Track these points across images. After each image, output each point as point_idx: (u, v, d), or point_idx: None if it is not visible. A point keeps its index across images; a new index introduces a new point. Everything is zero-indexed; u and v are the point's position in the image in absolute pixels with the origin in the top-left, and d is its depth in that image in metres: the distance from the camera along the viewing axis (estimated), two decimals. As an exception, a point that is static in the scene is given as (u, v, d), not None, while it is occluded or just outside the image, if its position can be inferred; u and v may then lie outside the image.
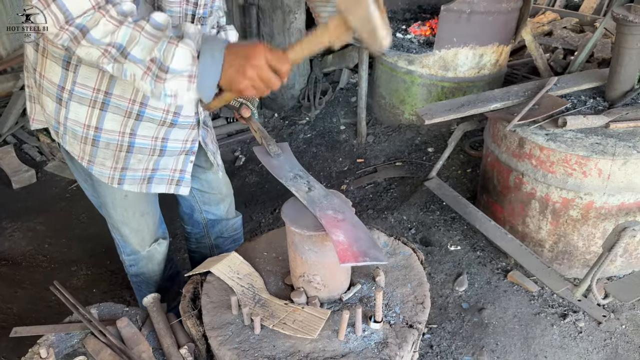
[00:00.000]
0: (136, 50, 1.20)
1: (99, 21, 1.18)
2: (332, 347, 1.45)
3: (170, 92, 1.23)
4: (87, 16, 1.17)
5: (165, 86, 1.22)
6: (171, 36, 1.22)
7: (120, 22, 1.19)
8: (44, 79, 1.51)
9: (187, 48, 1.20)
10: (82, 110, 1.51)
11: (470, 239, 2.87)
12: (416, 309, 1.57)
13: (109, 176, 1.65)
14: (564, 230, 2.48)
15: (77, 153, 1.62)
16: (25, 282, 2.80)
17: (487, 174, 2.79)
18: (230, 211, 2.18)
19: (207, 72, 1.22)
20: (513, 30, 3.60)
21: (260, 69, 1.20)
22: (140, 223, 1.86)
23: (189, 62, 1.21)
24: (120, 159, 1.62)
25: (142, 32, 1.20)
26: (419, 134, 3.79)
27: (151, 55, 1.20)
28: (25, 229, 3.21)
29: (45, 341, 1.66)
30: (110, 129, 1.55)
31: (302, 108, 4.31)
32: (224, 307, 1.59)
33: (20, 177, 3.57)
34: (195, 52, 1.21)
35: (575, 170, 2.29)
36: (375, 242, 1.45)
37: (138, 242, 1.91)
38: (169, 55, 1.19)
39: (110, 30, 1.19)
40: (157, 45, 1.20)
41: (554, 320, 2.37)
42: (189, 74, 1.22)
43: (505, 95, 2.71)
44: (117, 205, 1.78)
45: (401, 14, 4.09)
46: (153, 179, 1.71)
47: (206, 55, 1.22)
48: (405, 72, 3.68)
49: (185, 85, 1.23)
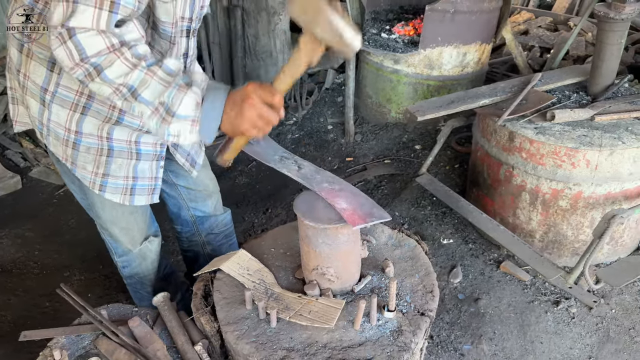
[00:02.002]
0: (146, 93, 1.27)
1: (114, 62, 1.22)
2: (349, 337, 1.48)
3: (174, 133, 1.31)
4: (102, 56, 1.20)
5: (170, 128, 1.30)
6: (180, 84, 1.28)
7: (135, 65, 1.24)
8: (28, 79, 1.51)
9: (194, 96, 1.28)
10: (63, 113, 1.52)
11: (462, 232, 2.94)
12: (426, 298, 1.61)
13: (90, 180, 1.65)
14: (554, 221, 2.57)
15: (61, 154, 1.63)
16: (17, 289, 2.75)
17: (477, 168, 2.86)
18: (218, 207, 2.18)
19: (209, 117, 1.31)
20: (494, 29, 3.70)
21: (256, 107, 1.28)
22: (130, 221, 1.86)
23: (193, 108, 1.29)
24: (101, 164, 1.62)
25: (153, 77, 1.26)
26: (405, 131, 3.86)
27: (160, 99, 1.28)
28: (13, 235, 3.15)
29: (55, 344, 1.65)
30: (89, 132, 1.56)
31: (289, 109, 4.34)
32: (237, 302, 1.61)
33: (5, 183, 3.50)
34: (200, 99, 1.30)
35: (565, 162, 2.38)
36: (375, 203, 1.55)
37: (128, 240, 1.91)
38: (177, 102, 1.27)
39: (124, 72, 1.23)
40: (167, 91, 1.27)
41: (548, 307, 2.45)
42: (192, 119, 1.30)
43: (493, 91, 2.79)
44: (106, 205, 1.77)
45: (384, 15, 4.16)
46: (135, 189, 1.71)
47: (209, 102, 1.30)
48: (391, 72, 3.74)
49: (188, 128, 1.30)
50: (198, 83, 1.32)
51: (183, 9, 1.47)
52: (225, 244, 2.27)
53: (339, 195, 1.53)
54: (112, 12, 1.19)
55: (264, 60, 4.34)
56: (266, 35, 4.23)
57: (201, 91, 1.31)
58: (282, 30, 4.28)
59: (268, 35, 4.23)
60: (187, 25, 1.53)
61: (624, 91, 2.72)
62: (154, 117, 1.30)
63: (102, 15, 1.17)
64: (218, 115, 1.31)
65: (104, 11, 1.18)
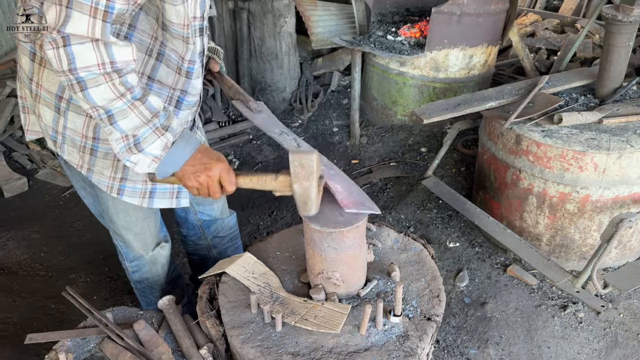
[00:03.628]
0: (123, 122, 1.29)
1: (100, 85, 1.22)
2: (355, 342, 1.47)
3: (134, 161, 1.34)
4: (90, 73, 1.20)
5: (131, 157, 1.33)
6: (157, 126, 1.31)
7: (121, 95, 1.25)
8: (41, 88, 1.50)
9: (165, 140, 1.33)
10: (80, 120, 1.51)
11: (469, 236, 2.92)
12: (432, 302, 1.60)
13: (107, 185, 1.64)
14: (561, 224, 2.55)
15: (76, 162, 1.61)
16: (23, 291, 2.76)
17: (483, 171, 2.84)
18: (224, 211, 2.18)
19: (170, 161, 1.35)
20: (501, 31, 3.69)
21: (211, 180, 1.36)
22: (143, 227, 1.86)
23: (160, 149, 1.33)
24: (119, 169, 1.62)
25: (134, 110, 1.28)
26: (411, 134, 3.85)
27: (133, 132, 1.30)
28: (19, 237, 3.16)
29: (61, 347, 1.65)
30: (106, 138, 1.54)
31: (294, 111, 4.33)
32: (242, 306, 1.61)
33: (11, 185, 3.51)
34: (170, 143, 1.34)
35: (572, 165, 2.36)
36: (366, 195, 1.58)
37: (141, 246, 1.91)
38: (149, 141, 1.31)
39: (108, 98, 1.25)
40: (143, 129, 1.30)
41: (555, 312, 2.43)
42: (155, 157, 1.34)
43: (500, 94, 2.77)
44: (120, 210, 1.78)
45: (390, 17, 4.15)
46: (155, 192, 1.70)
47: (177, 149, 1.35)
48: (397, 74, 3.73)
49: (148, 162, 1.34)
50: (174, 129, 1.35)
51: (194, 9, 1.46)
52: (230, 247, 2.27)
53: (333, 179, 1.54)
54: (105, 21, 1.19)
55: (269, 63, 4.34)
56: (272, 38, 4.23)
57: (173, 137, 1.35)
58: (287, 32, 4.27)
59: (274, 38, 4.23)
60: (199, 24, 1.52)
61: (632, 94, 2.70)
62: (120, 142, 1.31)
63: (96, 24, 1.17)
64: (179, 164, 1.36)
65: (98, 20, 1.17)
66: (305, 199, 1.36)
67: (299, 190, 1.35)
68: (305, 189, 1.34)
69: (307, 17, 4.38)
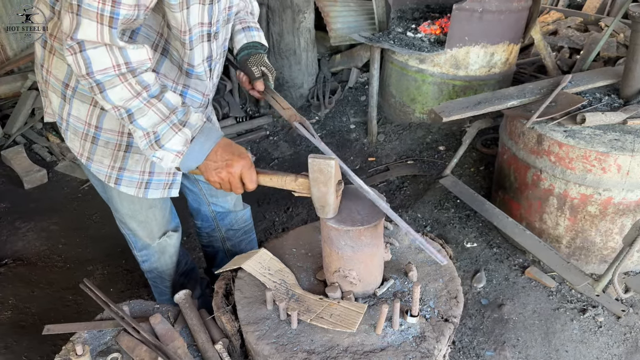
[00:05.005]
0: (142, 120, 1.33)
1: (117, 86, 1.28)
2: (371, 341, 1.45)
3: (159, 157, 1.37)
4: (106, 75, 1.26)
5: (155, 153, 1.37)
6: (175, 122, 1.34)
7: (137, 94, 1.30)
8: (50, 75, 1.55)
9: (184, 136, 1.35)
10: (84, 108, 1.55)
11: (486, 236, 2.88)
12: (450, 303, 1.58)
13: (106, 174, 1.68)
14: (582, 226, 2.50)
15: (77, 149, 1.65)
16: (42, 282, 2.79)
17: (503, 171, 2.80)
18: (237, 203, 2.19)
19: (192, 156, 1.38)
20: (522, 29, 3.63)
21: (232, 176, 1.39)
22: (148, 216, 1.88)
23: (181, 145, 1.36)
24: (118, 159, 1.65)
25: (152, 108, 1.32)
26: (429, 132, 3.81)
27: (153, 129, 1.33)
28: (39, 229, 3.20)
29: (78, 338, 1.66)
30: (109, 128, 1.59)
31: (311, 107, 4.32)
32: (258, 302, 1.60)
33: (31, 177, 3.56)
34: (190, 138, 1.36)
35: (595, 167, 2.31)
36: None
37: (147, 234, 1.93)
38: (167, 137, 1.34)
39: (125, 97, 1.29)
40: (162, 125, 1.33)
41: (574, 315, 2.39)
42: (177, 152, 1.37)
43: (521, 93, 2.73)
44: (123, 199, 1.80)
45: (410, 14, 4.11)
46: (151, 183, 1.73)
47: (197, 144, 1.37)
48: (416, 71, 3.69)
49: (172, 158, 1.37)
50: (192, 125, 1.37)
51: (201, 15, 1.47)
52: (244, 240, 2.27)
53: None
54: (112, 27, 1.23)
55: (287, 59, 4.33)
56: (290, 34, 4.22)
57: (193, 132, 1.37)
58: (306, 28, 4.26)
59: (292, 34, 4.22)
60: (207, 30, 1.53)
61: (658, 94, 2.63)
62: (143, 140, 1.36)
63: (104, 30, 1.22)
64: (201, 158, 1.38)
65: (105, 26, 1.22)
66: (323, 202, 1.38)
67: (317, 194, 1.37)
68: (324, 194, 1.36)
69: (326, 12, 4.35)
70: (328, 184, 1.34)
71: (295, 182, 1.41)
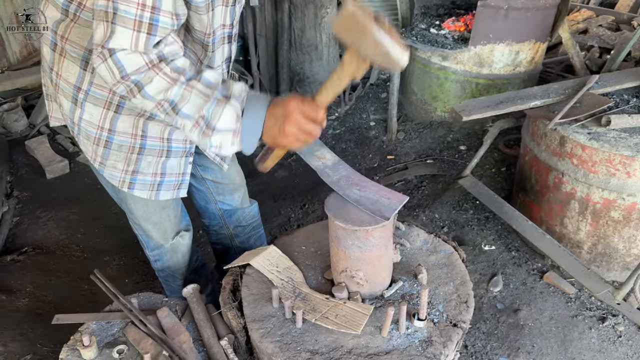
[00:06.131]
0: (187, 107, 1.26)
1: (153, 79, 1.23)
2: (375, 344, 1.43)
3: (216, 144, 1.30)
4: (141, 73, 1.22)
5: (212, 140, 1.29)
6: (219, 98, 1.27)
7: (174, 80, 1.24)
8: (60, 78, 1.51)
9: (232, 109, 1.27)
10: (97, 112, 1.51)
11: (505, 239, 2.82)
12: (460, 308, 1.54)
13: (119, 179, 1.65)
14: (604, 232, 2.42)
15: (89, 154, 1.62)
16: (59, 271, 2.84)
17: (524, 172, 2.73)
18: (244, 200, 2.17)
19: (249, 129, 1.29)
20: (550, 27, 3.53)
21: (298, 123, 1.25)
22: (162, 216, 1.86)
23: (233, 121, 1.27)
24: (131, 162, 1.62)
25: (192, 91, 1.25)
26: (451, 131, 3.75)
27: (200, 113, 1.26)
28: (59, 218, 3.25)
29: (86, 329, 1.67)
30: (123, 130, 1.55)
31: (331, 103, 4.29)
32: (264, 299, 1.59)
33: (54, 167, 3.62)
34: (240, 111, 1.28)
35: (619, 171, 2.23)
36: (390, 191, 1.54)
37: (161, 235, 1.92)
38: (216, 116, 1.26)
39: (163, 88, 1.24)
40: (206, 106, 1.25)
41: (592, 324, 2.32)
42: (233, 131, 1.28)
43: (545, 92, 2.65)
44: (137, 201, 1.77)
45: (434, 10, 4.04)
46: (162, 185, 1.71)
47: (249, 114, 1.29)
48: (438, 68, 3.63)
49: (230, 139, 1.29)
50: (237, 95, 1.29)
51: (224, 17, 1.46)
52: (253, 236, 2.26)
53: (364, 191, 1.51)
54: (150, 34, 1.20)
55: (309, 54, 4.30)
56: (312, 29, 4.19)
57: (240, 103, 1.29)
58: (328, 24, 4.22)
59: (314, 29, 4.19)
60: (228, 31, 1.53)
61: (690, 97, 2.53)
62: (195, 130, 1.29)
63: (140, 38, 1.20)
64: (259, 127, 1.29)
65: (142, 33, 1.20)
66: (381, 52, 1.12)
67: (368, 51, 1.13)
68: (373, 44, 1.11)
69: (349, 8, 4.31)
70: (365, 27, 1.09)
71: (345, 65, 1.20)
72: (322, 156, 1.68)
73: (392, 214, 1.43)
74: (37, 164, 3.69)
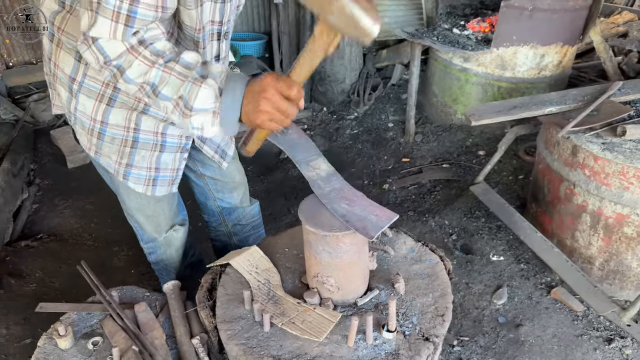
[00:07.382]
0: (166, 89, 1.27)
1: (133, 62, 1.26)
2: (340, 353, 1.38)
3: (197, 126, 1.29)
4: (121, 58, 1.25)
5: (192, 120, 1.28)
6: (196, 77, 1.26)
7: (153, 63, 1.26)
8: (58, 68, 1.55)
9: (210, 88, 1.25)
10: (90, 103, 1.54)
11: (515, 250, 2.71)
12: (435, 322, 1.48)
13: (114, 169, 1.68)
14: (617, 248, 2.28)
15: (85, 144, 1.65)
16: (70, 259, 2.91)
17: (537, 182, 2.62)
18: (244, 199, 2.16)
19: (228, 108, 1.26)
20: (580, 30, 3.37)
21: (272, 100, 1.22)
22: (156, 209, 1.87)
23: (211, 101, 1.26)
24: (125, 155, 1.64)
25: (171, 73, 1.26)
26: (470, 135, 3.63)
27: (178, 94, 1.27)
28: (75, 207, 3.34)
29: (67, 319, 1.70)
30: (115, 123, 1.57)
31: (351, 103, 4.24)
32: (238, 300, 1.57)
33: (75, 157, 3.72)
34: (218, 91, 1.26)
35: (633, 184, 2.10)
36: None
37: (154, 228, 1.93)
38: (193, 95, 1.25)
39: (143, 71, 1.26)
40: (183, 85, 1.26)
41: (598, 345, 2.19)
42: (212, 110, 1.27)
43: (563, 98, 2.52)
44: (131, 193, 1.79)
45: (461, 9, 3.92)
46: (157, 180, 1.73)
47: (228, 93, 1.26)
48: (459, 70, 3.52)
49: (210, 120, 1.28)
50: (215, 75, 1.28)
51: (212, 13, 1.47)
52: (252, 235, 2.25)
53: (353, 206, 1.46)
54: (127, 25, 1.23)
55: (331, 52, 4.26)
56: (335, 27, 4.14)
57: (218, 82, 1.27)
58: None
59: (337, 27, 4.14)
60: (217, 28, 1.53)
61: None
62: (175, 111, 1.30)
63: (118, 28, 1.22)
64: (237, 106, 1.26)
65: (120, 24, 1.22)
66: (350, 21, 1.03)
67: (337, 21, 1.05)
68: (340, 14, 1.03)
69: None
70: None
71: (316, 38, 1.13)
72: (317, 166, 1.65)
73: (377, 232, 1.38)
74: (60, 154, 3.80)
